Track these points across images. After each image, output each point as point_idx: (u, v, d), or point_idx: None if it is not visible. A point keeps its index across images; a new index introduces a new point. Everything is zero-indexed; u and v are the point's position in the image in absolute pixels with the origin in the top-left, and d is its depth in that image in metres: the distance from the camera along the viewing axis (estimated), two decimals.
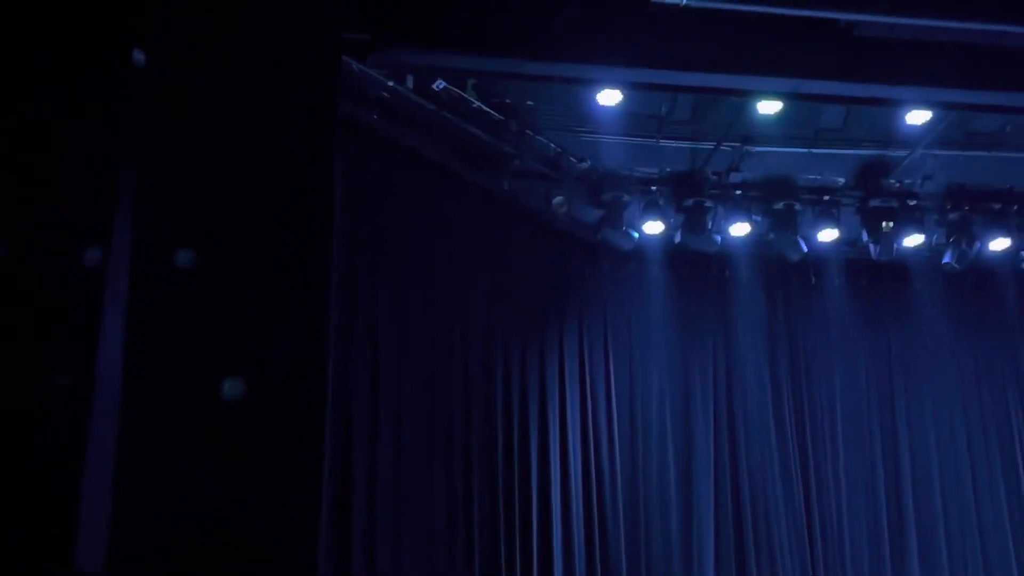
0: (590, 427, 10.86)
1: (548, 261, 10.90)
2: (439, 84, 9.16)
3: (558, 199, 10.31)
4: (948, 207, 10.98)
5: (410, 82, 9.17)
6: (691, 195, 10.63)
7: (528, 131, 9.91)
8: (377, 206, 9.43)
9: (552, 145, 10.17)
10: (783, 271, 11.49)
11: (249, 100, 5.68)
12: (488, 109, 9.57)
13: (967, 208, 10.98)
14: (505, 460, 10.27)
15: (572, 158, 10.30)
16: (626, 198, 10.48)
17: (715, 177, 10.63)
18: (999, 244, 11.07)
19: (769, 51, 8.05)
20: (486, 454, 10.17)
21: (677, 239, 10.82)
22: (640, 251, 10.96)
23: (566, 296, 11.02)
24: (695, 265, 11.31)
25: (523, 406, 10.52)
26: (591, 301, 11.16)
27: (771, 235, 10.91)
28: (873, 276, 11.65)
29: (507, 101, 9.66)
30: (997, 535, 11.29)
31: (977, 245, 11.05)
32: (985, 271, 11.51)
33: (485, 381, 10.26)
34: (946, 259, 11.11)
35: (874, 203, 10.84)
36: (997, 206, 10.99)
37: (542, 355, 10.75)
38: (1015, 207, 11.00)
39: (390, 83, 8.95)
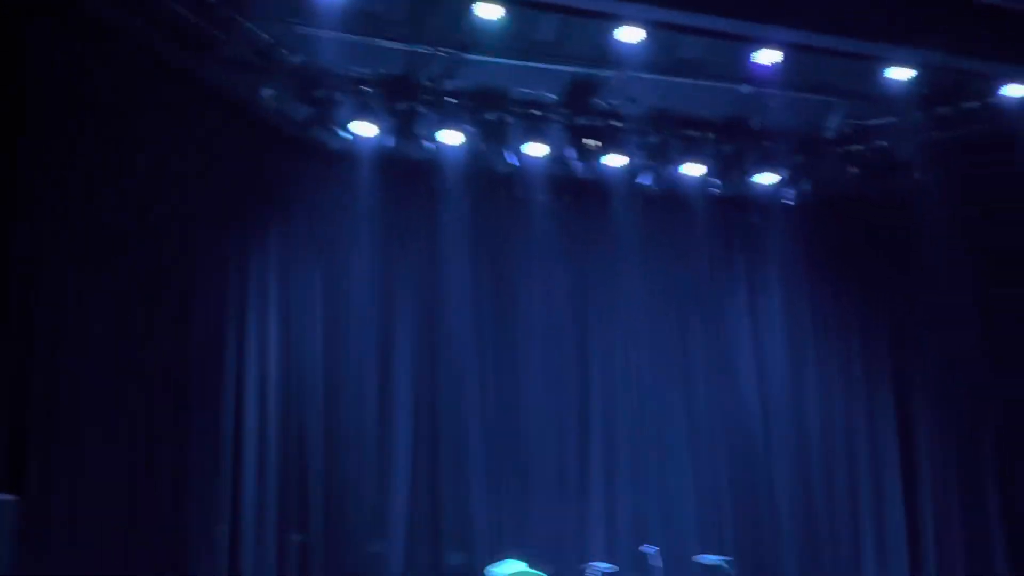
0: (289, 334, 10.63)
1: (253, 157, 10.49)
2: None
3: (267, 92, 9.92)
4: (649, 130, 11.35)
5: None
6: (404, 99, 10.47)
7: (239, 17, 9.43)
8: (63, 81, 8.64)
9: (264, 35, 9.74)
10: (491, 183, 11.58)
11: None
12: None
13: (666, 132, 11.39)
14: (199, 366, 9.91)
15: (284, 50, 9.91)
16: (338, 97, 10.21)
17: (429, 83, 10.53)
18: (693, 170, 11.58)
19: None
20: (177, 360, 9.75)
21: (388, 143, 10.67)
22: (350, 153, 10.74)
23: (270, 194, 10.68)
24: (405, 171, 11.19)
25: (219, 310, 10.15)
26: (296, 201, 10.87)
27: (481, 146, 10.96)
28: (576, 193, 11.95)
29: None
30: (673, 441, 11.90)
31: (673, 169, 11.52)
32: (679, 195, 11.99)
33: (179, 282, 9.81)
34: (644, 181, 11.53)
35: (581, 121, 11.06)
36: (694, 133, 11.46)
37: (242, 255, 10.40)
38: (710, 135, 11.50)
39: None
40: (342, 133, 10.37)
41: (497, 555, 10.81)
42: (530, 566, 9.08)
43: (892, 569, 11.51)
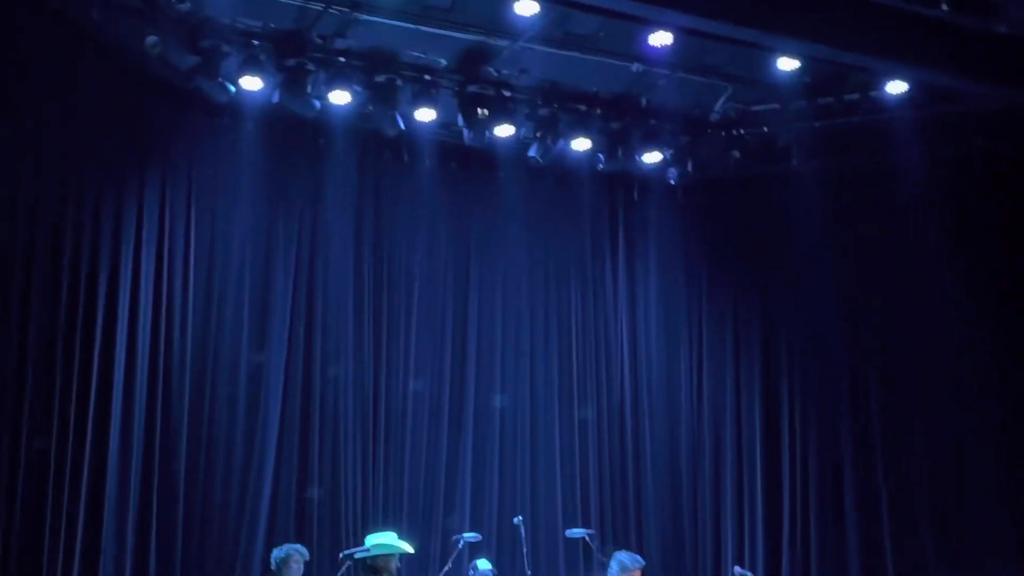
0: (164, 287, 10.40)
1: (134, 106, 10.20)
2: None
3: (151, 39, 9.61)
4: (539, 102, 11.36)
5: None
6: (294, 55, 10.27)
7: None
8: None
9: None
10: (378, 146, 11.48)
11: None
12: None
13: (556, 106, 11.42)
14: (68, 318, 9.65)
15: None
16: (225, 48, 9.95)
17: (320, 40, 10.34)
18: (580, 144, 11.63)
19: None
20: (47, 311, 9.49)
21: (275, 99, 10.47)
22: (235, 106, 10.51)
23: (151, 146, 10.41)
24: (291, 128, 11.01)
25: (93, 262, 9.90)
26: (177, 153, 10.61)
27: (370, 107, 10.82)
28: (463, 161, 11.91)
29: None
30: (546, 402, 12.02)
31: (560, 143, 11.56)
32: (565, 169, 12.05)
33: (51, 234, 9.52)
34: (531, 152, 11.56)
35: (472, 89, 11.00)
36: (583, 107, 11.50)
37: (118, 208, 10.13)
38: (599, 110, 11.56)
39: None
40: (228, 85, 10.12)
41: (367, 528, 10.86)
42: (399, 537, 9.10)
43: (752, 539, 11.80)
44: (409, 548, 9.05)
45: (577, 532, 10.46)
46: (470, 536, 10.04)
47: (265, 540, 10.36)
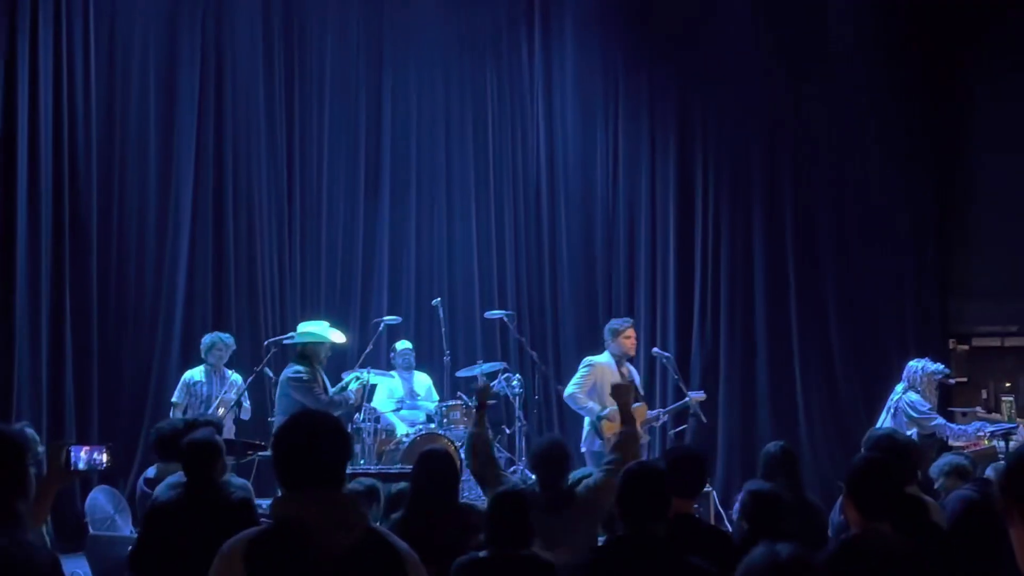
0: (63, 79, 9.97)
1: None
2: None
3: None
4: None
5: None
6: None
7: None
8: None
9: None
10: None
11: None
12: None
13: None
14: None
15: None
16: None
17: None
18: None
19: None
20: None
21: None
22: None
23: None
24: None
25: None
26: None
27: None
28: None
29: None
30: (462, 183, 11.98)
31: None
32: None
33: None
34: None
35: None
36: None
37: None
38: None
39: None
40: None
41: (284, 314, 10.87)
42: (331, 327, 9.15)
43: (664, 320, 12.10)
44: (341, 337, 9.14)
45: (496, 313, 10.62)
46: (390, 319, 10.14)
47: (183, 329, 10.35)
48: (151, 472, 6.55)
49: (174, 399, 9.29)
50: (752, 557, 2.62)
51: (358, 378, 9.01)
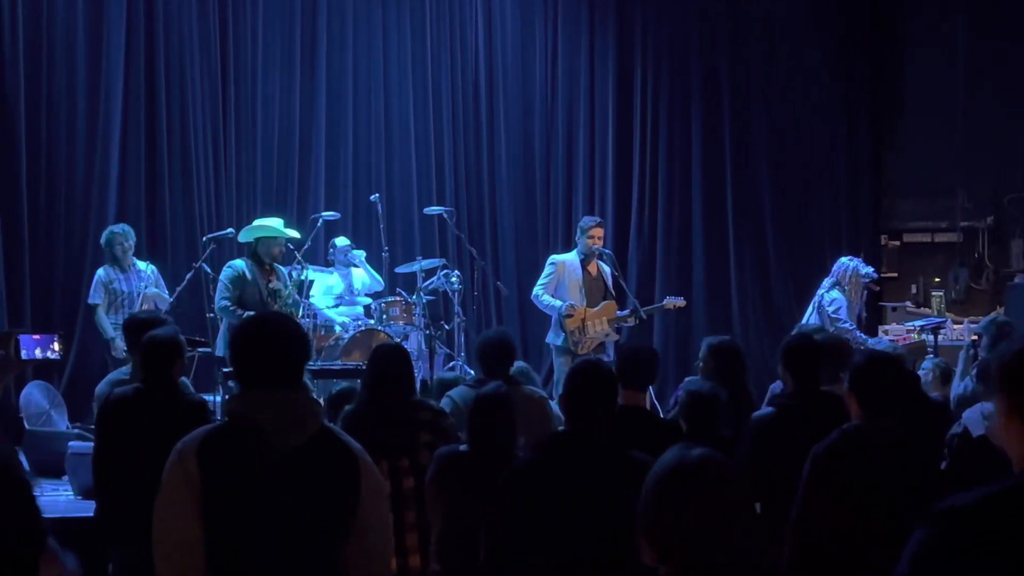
0: None
1: None
2: None
3: None
4: None
5: None
6: None
7: None
8: None
9: None
10: None
11: None
12: None
13: None
14: None
15: None
16: None
17: None
18: None
19: None
20: None
21: None
22: None
23: None
24: None
25: None
26: None
27: None
28: None
29: None
30: (400, 80, 11.81)
31: None
32: None
33: None
34: None
35: None
36: None
37: None
38: None
39: None
40: None
41: (220, 211, 10.73)
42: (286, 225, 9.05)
43: (600, 205, 12.12)
44: (294, 233, 9.03)
45: (435, 209, 10.58)
46: (328, 215, 10.04)
47: (116, 218, 10.17)
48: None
49: (93, 299, 8.83)
50: (663, 458, 2.60)
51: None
